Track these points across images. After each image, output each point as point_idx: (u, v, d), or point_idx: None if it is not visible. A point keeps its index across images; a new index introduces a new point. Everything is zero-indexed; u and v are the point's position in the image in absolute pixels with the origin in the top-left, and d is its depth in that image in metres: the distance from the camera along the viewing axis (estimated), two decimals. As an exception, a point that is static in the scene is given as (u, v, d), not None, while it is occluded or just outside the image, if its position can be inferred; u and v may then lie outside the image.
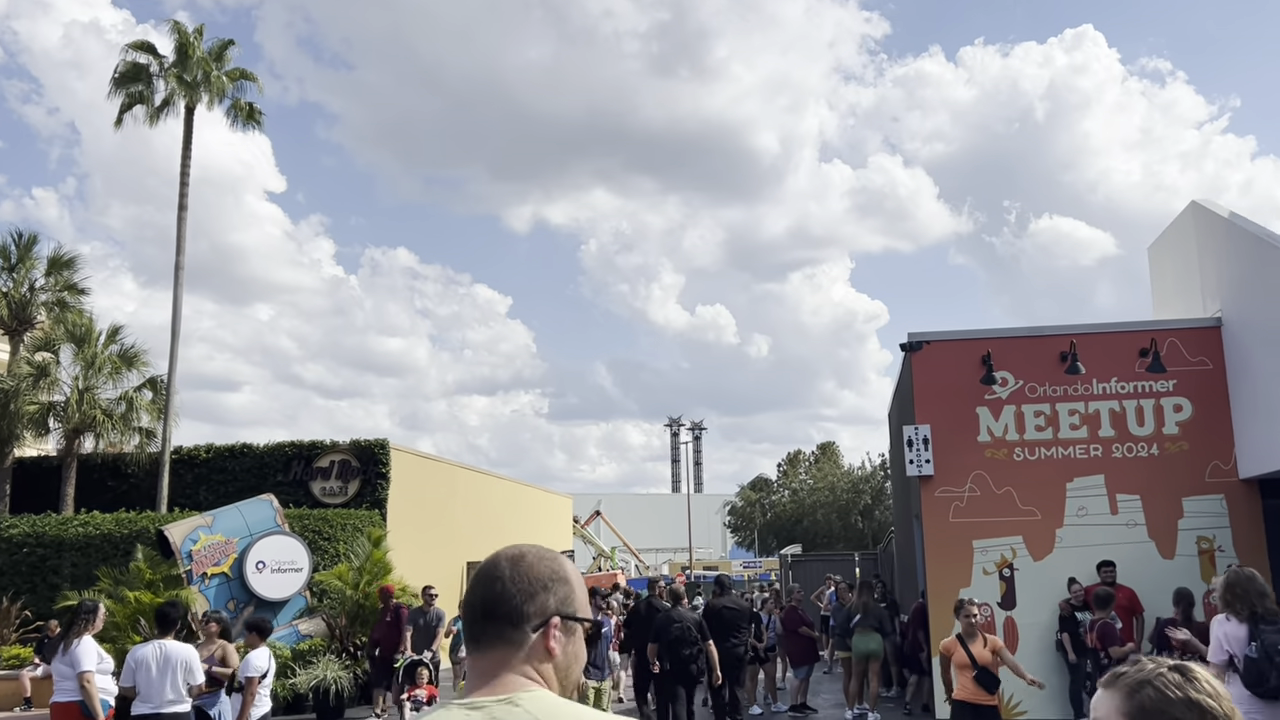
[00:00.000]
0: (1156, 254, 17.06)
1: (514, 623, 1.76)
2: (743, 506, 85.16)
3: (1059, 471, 14.26)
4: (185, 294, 24.12)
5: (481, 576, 1.82)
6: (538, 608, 1.78)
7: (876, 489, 75.19)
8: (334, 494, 24.15)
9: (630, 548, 67.21)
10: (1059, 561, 14.06)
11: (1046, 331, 14.63)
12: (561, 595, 1.81)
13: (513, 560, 1.82)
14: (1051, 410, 14.43)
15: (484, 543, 29.15)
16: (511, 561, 1.82)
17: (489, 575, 1.81)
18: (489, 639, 1.77)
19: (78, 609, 9.23)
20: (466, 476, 29.01)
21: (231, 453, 24.70)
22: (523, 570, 1.80)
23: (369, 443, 24.31)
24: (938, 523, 14.39)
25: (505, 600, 1.77)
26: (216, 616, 9.48)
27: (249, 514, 18.63)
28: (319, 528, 21.61)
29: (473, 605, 1.81)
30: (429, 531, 26.09)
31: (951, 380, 14.58)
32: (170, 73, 24.67)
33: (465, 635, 1.96)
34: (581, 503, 73.33)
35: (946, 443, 14.44)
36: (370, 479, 24.10)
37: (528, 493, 34.42)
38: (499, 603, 1.77)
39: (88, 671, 9.07)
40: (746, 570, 63.74)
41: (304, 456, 24.40)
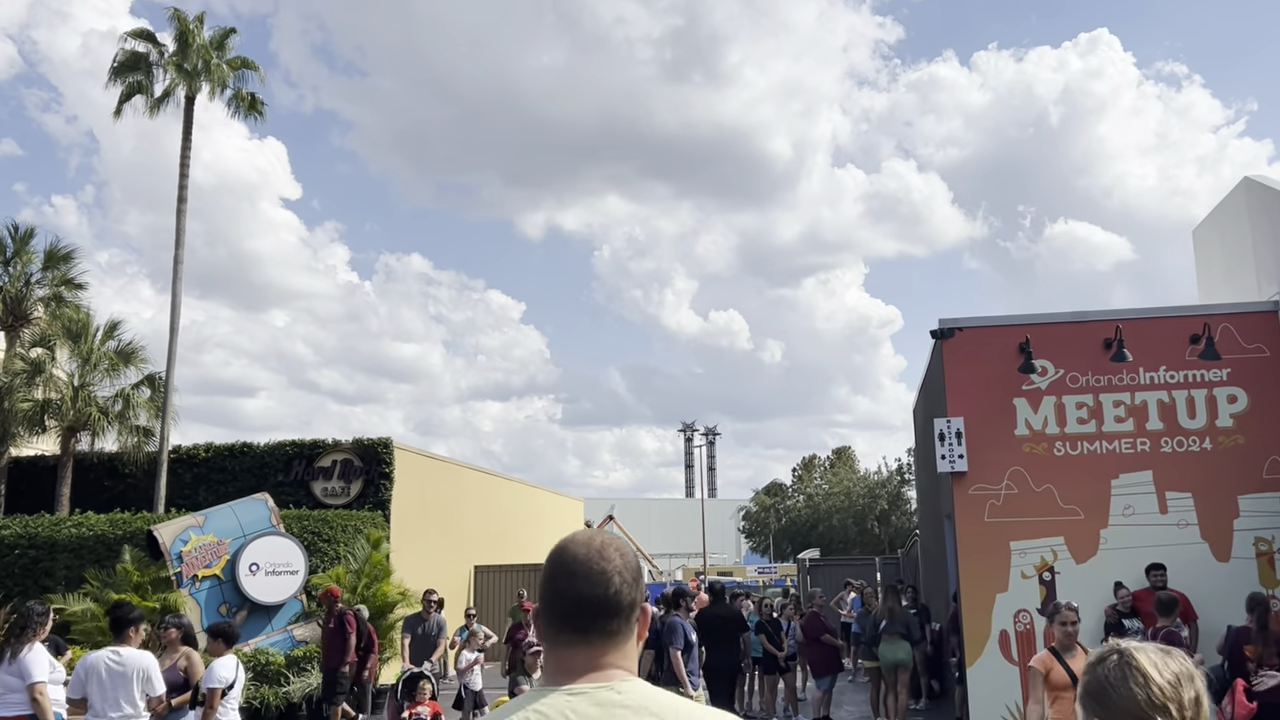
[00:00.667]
0: (1203, 236, 15.93)
1: (626, 615, 1.81)
2: (757, 511, 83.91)
3: (1103, 467, 13.16)
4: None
5: (585, 568, 1.81)
6: (639, 596, 1.84)
7: (893, 494, 73.88)
8: (336, 494, 23.20)
9: (644, 553, 66.07)
10: (1104, 564, 12.95)
11: (1089, 317, 13.54)
12: (643, 583, 1.87)
13: (613, 549, 1.85)
14: (1095, 401, 13.33)
15: (492, 547, 28.13)
16: (614, 551, 1.85)
17: (598, 569, 1.81)
18: (598, 632, 1.78)
19: (26, 613, 8.25)
20: (474, 478, 28.03)
21: (231, 452, 23.78)
22: (627, 559, 1.86)
23: (372, 442, 23.35)
24: (972, 523, 13.30)
25: (622, 592, 1.80)
26: (176, 621, 8.49)
27: (243, 514, 17.67)
28: (318, 529, 20.63)
29: (585, 599, 1.79)
30: (434, 534, 25.10)
31: (986, 369, 13.50)
32: (170, 61, 23.81)
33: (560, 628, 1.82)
34: (595, 508, 72.24)
35: (981, 437, 13.36)
36: (373, 479, 23.14)
37: (538, 495, 33.41)
38: (618, 596, 1.80)
39: (39, 683, 8.11)
40: (761, 576, 62.52)
41: (305, 456, 23.46)
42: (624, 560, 1.85)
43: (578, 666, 1.76)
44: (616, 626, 1.79)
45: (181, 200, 23.96)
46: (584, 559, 1.81)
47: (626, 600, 1.81)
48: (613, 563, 1.82)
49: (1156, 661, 1.86)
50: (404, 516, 23.47)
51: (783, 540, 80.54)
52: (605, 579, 1.80)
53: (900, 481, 75.19)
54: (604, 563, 1.81)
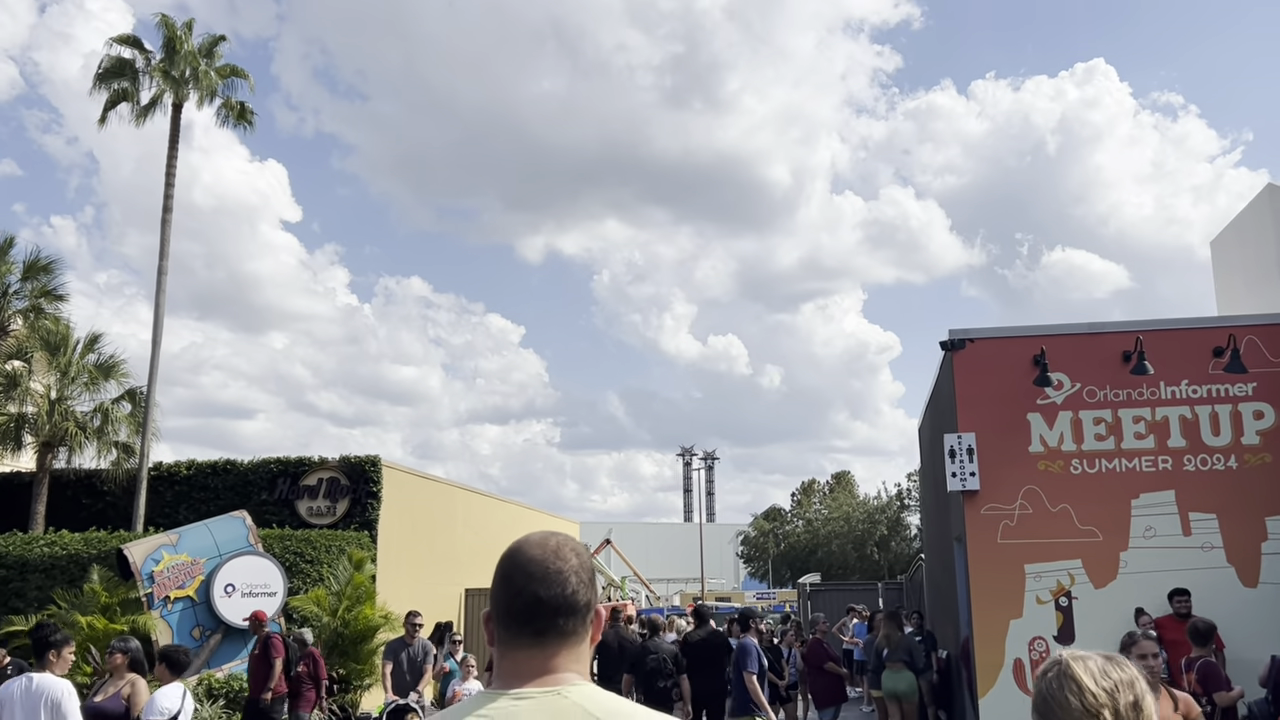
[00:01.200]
0: (1222, 246, 15.25)
1: (582, 616, 1.78)
2: (756, 536, 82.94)
3: (1123, 486, 12.41)
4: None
5: (542, 568, 1.77)
6: (594, 597, 1.82)
7: (893, 520, 72.97)
8: (321, 514, 22.40)
9: (641, 578, 65.07)
10: (1124, 589, 12.18)
11: (1107, 328, 12.83)
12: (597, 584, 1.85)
13: (569, 549, 1.82)
14: (1113, 417, 12.60)
15: (484, 570, 27.30)
16: (570, 551, 1.82)
17: (554, 569, 1.78)
18: (554, 633, 1.75)
19: None
20: (466, 498, 27.23)
21: (214, 469, 23.00)
22: (583, 560, 1.82)
23: (359, 460, 22.57)
24: (984, 545, 12.54)
25: (579, 593, 1.77)
26: (122, 645, 7.72)
27: (219, 532, 16.88)
28: (301, 549, 19.84)
29: (540, 600, 1.75)
30: (424, 556, 24.29)
31: (999, 382, 12.78)
32: (156, 68, 23.20)
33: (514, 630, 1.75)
34: (592, 532, 71.28)
35: (993, 453, 12.62)
36: (360, 498, 22.35)
37: (532, 517, 32.58)
38: (574, 596, 1.77)
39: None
40: (760, 601, 61.53)
41: (290, 474, 22.68)
42: (580, 560, 1.82)
43: (529, 669, 1.74)
44: (572, 627, 1.77)
45: (167, 210, 23.29)
46: (540, 559, 1.78)
47: (583, 601, 1.79)
48: (569, 562, 1.79)
49: (1094, 670, 1.95)
50: (392, 537, 22.67)
51: (781, 565, 79.50)
52: (562, 579, 1.77)
53: (900, 507, 74.34)
54: (560, 562, 1.78)
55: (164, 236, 23.17)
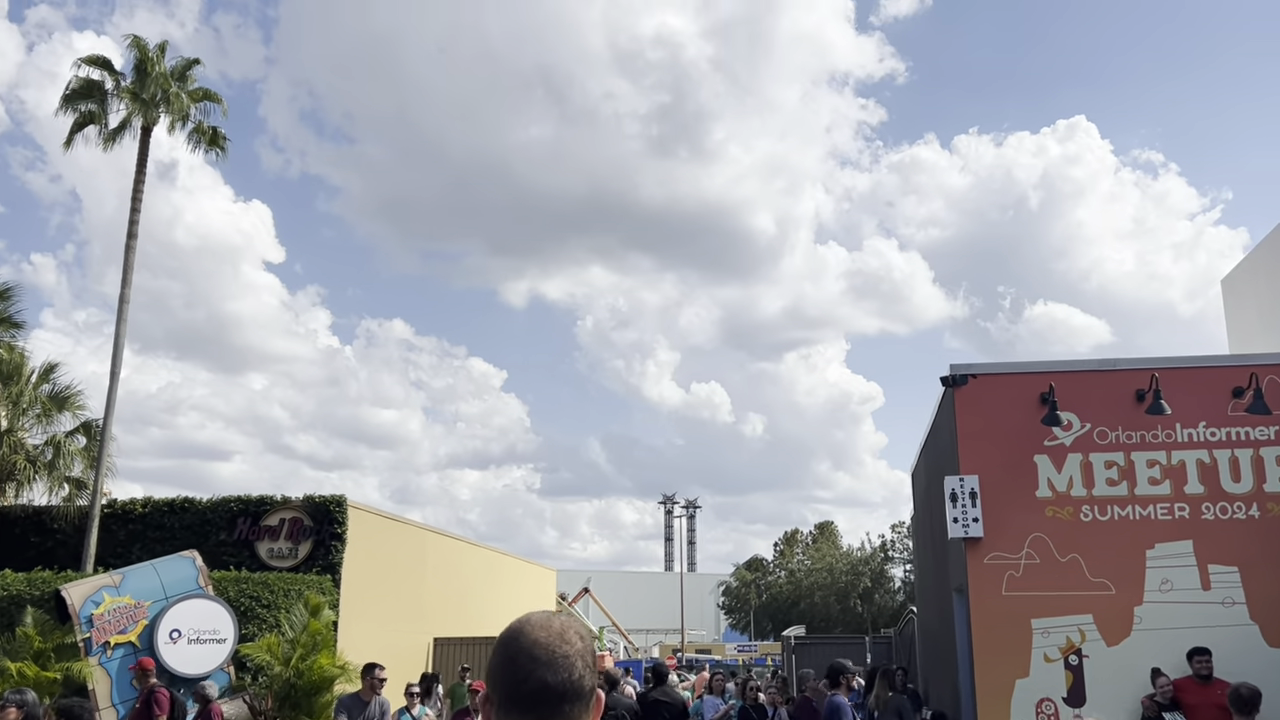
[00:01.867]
0: (1234, 285, 14.48)
1: (585, 701, 1.76)
2: (737, 587, 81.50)
3: (1137, 535, 11.49)
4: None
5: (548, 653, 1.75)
6: (595, 681, 1.80)
7: (876, 571, 71.72)
8: (282, 556, 21.24)
9: (619, 628, 63.57)
10: (1139, 647, 11.21)
11: (1120, 365, 11.97)
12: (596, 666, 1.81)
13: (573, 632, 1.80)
14: (1126, 460, 11.70)
15: (455, 618, 26.07)
16: (575, 634, 1.80)
17: (561, 654, 1.75)
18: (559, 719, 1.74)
19: None
20: (436, 542, 26.06)
21: (171, 507, 21.83)
22: (586, 643, 1.81)
23: (324, 500, 21.46)
24: (987, 597, 11.57)
25: (584, 678, 1.76)
26: (16, 699, 6.68)
27: (166, 573, 15.74)
28: (257, 593, 18.67)
29: (547, 686, 1.72)
30: (390, 603, 23.09)
31: (1004, 421, 11.89)
32: (125, 90, 22.35)
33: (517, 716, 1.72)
34: (571, 580, 69.78)
35: (998, 498, 11.70)
36: (324, 540, 21.20)
37: (507, 563, 31.38)
38: (580, 682, 1.75)
39: None
40: (741, 654, 60.05)
41: (251, 513, 21.54)
42: (584, 644, 1.81)
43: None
44: (576, 714, 1.75)
45: (131, 237, 22.33)
46: (545, 643, 1.76)
47: (587, 686, 1.77)
48: (574, 646, 1.78)
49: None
50: (356, 582, 21.50)
51: (763, 617, 77.99)
52: (569, 664, 1.75)
53: (884, 559, 73.20)
54: (566, 646, 1.77)
55: (128, 263, 22.19)
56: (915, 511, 18.25)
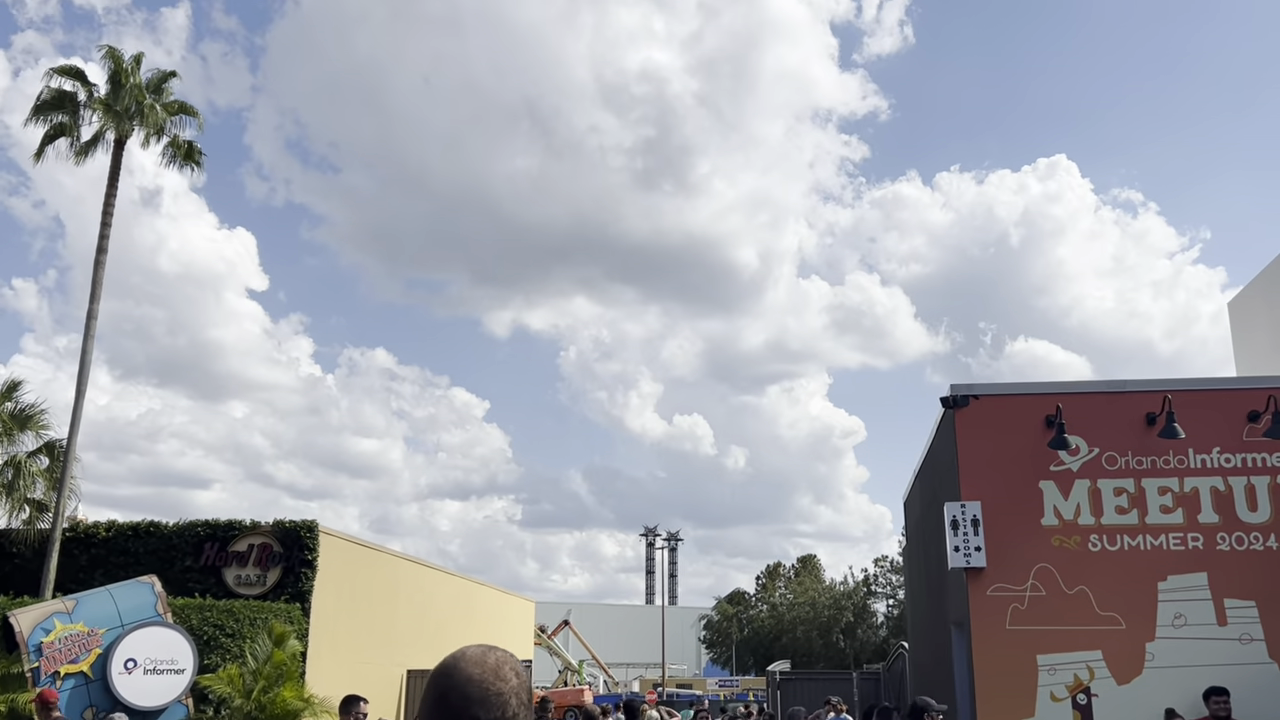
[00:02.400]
0: (1241, 307, 13.92)
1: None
2: (719, 621, 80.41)
3: (1148, 567, 10.84)
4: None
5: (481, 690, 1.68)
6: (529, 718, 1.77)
7: (859, 606, 70.83)
8: (250, 583, 20.36)
9: (599, 661, 62.40)
10: (1151, 686, 10.53)
11: (1130, 387, 11.37)
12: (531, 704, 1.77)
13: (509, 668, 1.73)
14: (1136, 487, 11.07)
15: (429, 648, 25.17)
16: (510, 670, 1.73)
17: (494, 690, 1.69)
18: None
19: None
20: (411, 571, 25.20)
21: (136, 532, 20.94)
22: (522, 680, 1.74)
23: (294, 525, 20.63)
24: (990, 631, 10.88)
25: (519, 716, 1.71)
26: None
27: (123, 599, 14.86)
28: (221, 621, 17.81)
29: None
30: (362, 633, 22.19)
31: (1008, 445, 11.25)
32: (98, 101, 21.68)
33: None
34: (552, 612, 68.61)
35: (1001, 526, 11.04)
36: (294, 567, 20.35)
37: (484, 593, 30.47)
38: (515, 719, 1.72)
39: None
40: (722, 689, 58.95)
41: (219, 538, 20.68)
42: (519, 680, 1.74)
43: None
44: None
45: (101, 251, 21.58)
46: (479, 679, 1.70)
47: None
48: (509, 683, 1.72)
49: None
50: (327, 611, 20.63)
51: (744, 651, 76.87)
52: (502, 701, 1.70)
53: (866, 593, 72.35)
54: (501, 683, 1.71)
55: (96, 278, 21.42)
56: (908, 542, 17.58)
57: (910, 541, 16.98)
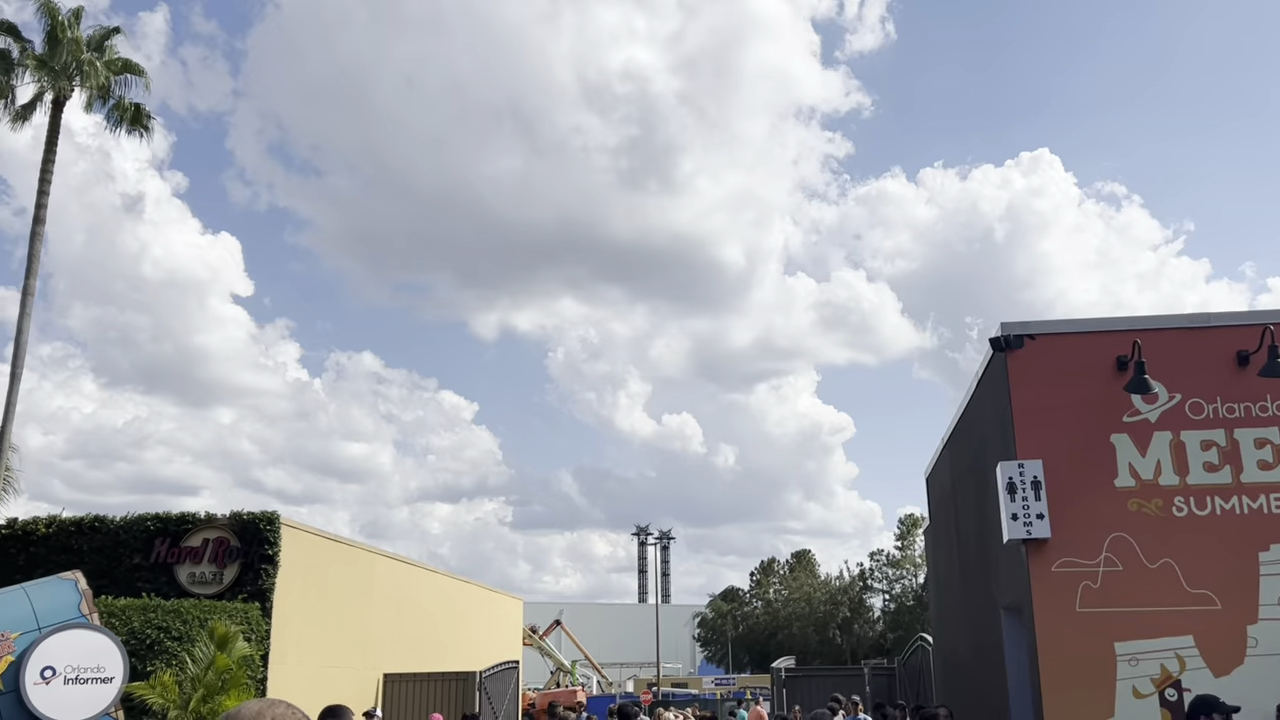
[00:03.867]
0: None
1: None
2: (713, 618, 78.43)
3: (1245, 534, 8.93)
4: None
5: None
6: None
7: (855, 601, 68.95)
8: (206, 581, 18.29)
9: (592, 661, 60.35)
10: (1255, 677, 8.62)
11: (1217, 321, 9.45)
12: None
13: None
14: (1228, 439, 9.16)
15: (409, 651, 23.14)
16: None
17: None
18: None
19: None
20: (386, 566, 23.14)
21: (79, 528, 18.83)
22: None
23: (253, 516, 18.56)
24: (1057, 614, 8.94)
25: None
26: None
27: (40, 599, 12.80)
28: (167, 623, 15.75)
29: None
30: (331, 634, 20.14)
31: (1072, 393, 9.33)
32: (31, 58, 19.61)
33: None
34: (543, 612, 66.54)
35: (1067, 489, 9.11)
36: (253, 563, 18.27)
37: (470, 592, 28.42)
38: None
39: None
40: (719, 687, 56.95)
41: (170, 534, 18.59)
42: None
43: None
44: None
45: (39, 221, 19.51)
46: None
47: None
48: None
49: None
50: (291, 610, 18.57)
51: (739, 649, 74.93)
52: None
53: (862, 588, 70.49)
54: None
55: (32, 251, 19.35)
56: (931, 521, 15.63)
57: (935, 521, 15.05)
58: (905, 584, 67.53)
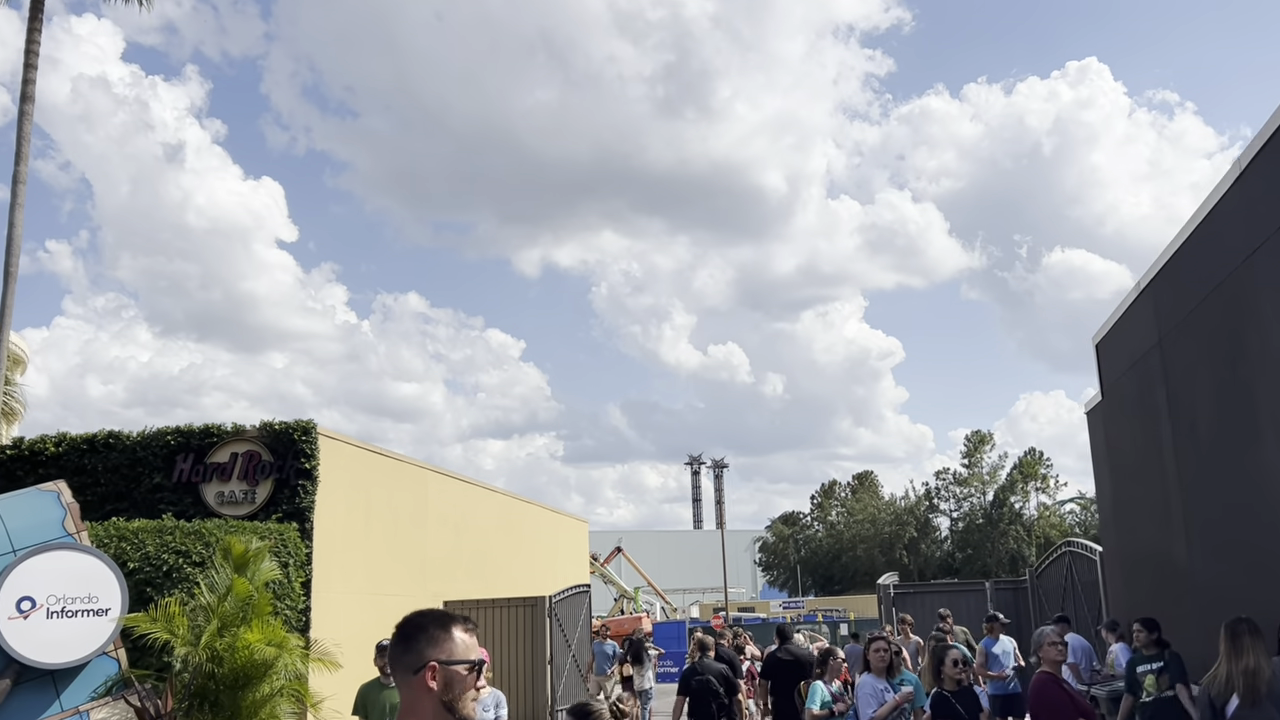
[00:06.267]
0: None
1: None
2: (774, 543, 76.09)
3: None
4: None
5: None
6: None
7: (921, 521, 66.10)
8: (236, 501, 15.77)
9: (655, 588, 58.20)
10: None
11: None
12: None
13: None
14: None
15: (469, 575, 20.62)
16: None
17: None
18: None
19: None
20: (440, 484, 20.55)
21: (93, 445, 16.34)
22: None
23: (285, 426, 15.98)
24: None
25: None
26: None
27: (14, 514, 10.23)
28: (187, 546, 13.23)
29: None
30: (383, 558, 17.61)
31: None
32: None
33: None
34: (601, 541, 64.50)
35: None
36: (288, 479, 15.71)
37: (531, 513, 25.88)
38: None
39: None
40: (786, 611, 54.55)
41: (194, 449, 16.05)
42: None
43: None
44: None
45: (27, 99, 16.79)
46: None
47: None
48: None
49: None
50: (334, 532, 16.03)
51: (802, 572, 72.59)
52: None
53: (929, 508, 67.63)
54: None
55: (21, 133, 16.67)
56: (1106, 397, 12.53)
57: (1116, 395, 11.95)
58: (973, 502, 64.51)
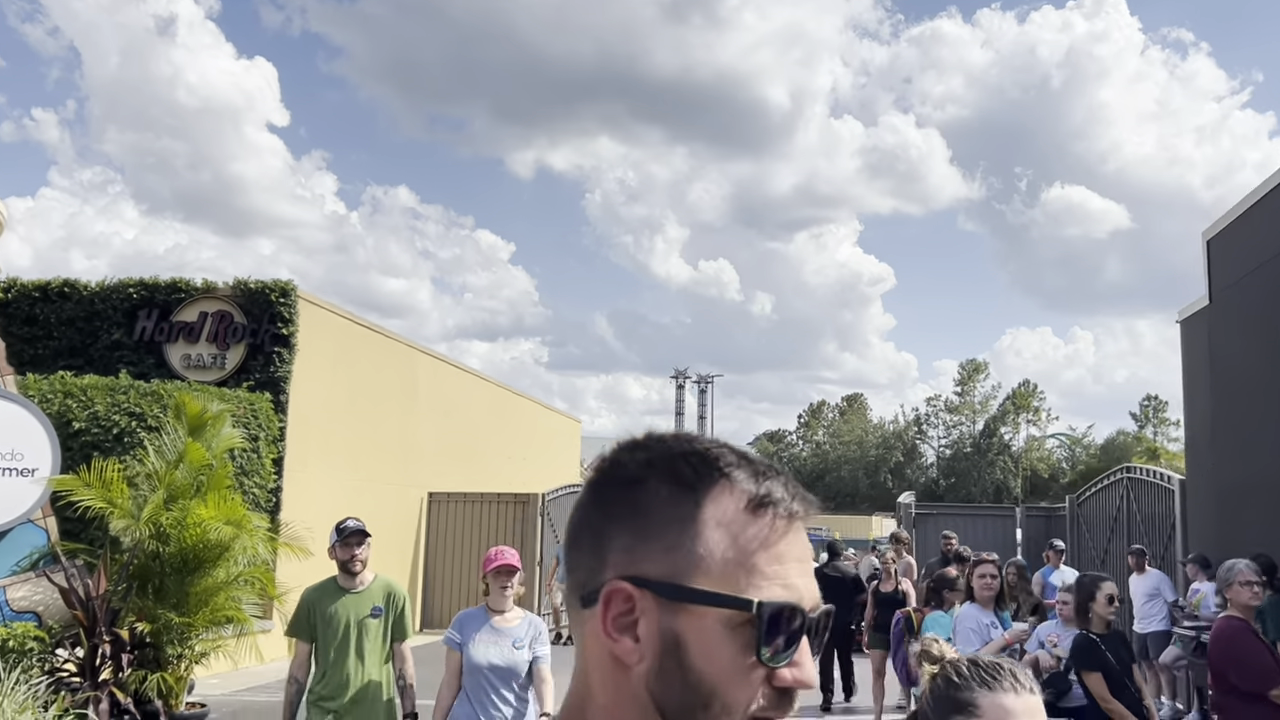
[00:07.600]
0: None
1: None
2: (757, 460, 75.16)
3: None
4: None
5: None
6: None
7: (909, 446, 65.24)
8: (204, 365, 13.99)
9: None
10: None
11: None
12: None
13: None
14: None
15: (456, 466, 18.97)
16: None
17: None
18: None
19: None
20: (431, 366, 18.79)
21: (46, 295, 14.49)
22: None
23: (261, 285, 14.14)
24: None
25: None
26: None
27: (-78, 349, 8.39)
28: (142, 408, 11.50)
29: None
30: (365, 441, 15.93)
31: None
32: None
33: None
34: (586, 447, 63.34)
35: None
36: (262, 344, 13.92)
37: (524, 406, 24.21)
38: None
39: None
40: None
41: (158, 304, 14.23)
42: None
43: None
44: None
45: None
46: None
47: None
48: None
49: None
50: (312, 406, 14.32)
51: (784, 491, 71.70)
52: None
53: (916, 433, 66.74)
54: None
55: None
56: (1213, 301, 10.79)
57: (1225, 303, 10.18)
58: (963, 430, 63.50)
